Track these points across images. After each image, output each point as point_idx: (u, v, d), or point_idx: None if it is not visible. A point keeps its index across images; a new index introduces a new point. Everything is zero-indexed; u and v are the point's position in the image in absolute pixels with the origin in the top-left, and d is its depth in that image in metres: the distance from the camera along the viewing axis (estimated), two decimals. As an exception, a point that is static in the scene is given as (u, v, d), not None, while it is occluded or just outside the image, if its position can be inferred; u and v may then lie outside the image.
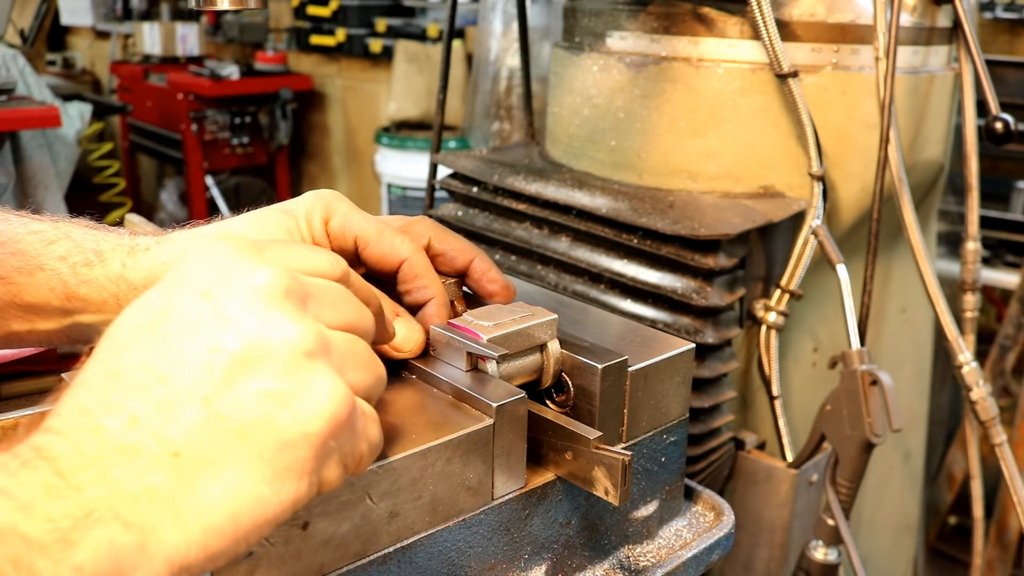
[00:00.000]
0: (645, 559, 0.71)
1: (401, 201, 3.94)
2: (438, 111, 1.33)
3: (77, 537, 0.37)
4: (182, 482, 0.40)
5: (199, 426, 0.40)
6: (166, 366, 0.41)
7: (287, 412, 0.41)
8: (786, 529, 1.02)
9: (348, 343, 0.46)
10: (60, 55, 5.79)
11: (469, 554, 0.59)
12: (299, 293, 0.45)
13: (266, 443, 0.41)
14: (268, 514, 0.41)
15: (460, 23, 3.79)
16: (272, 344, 0.42)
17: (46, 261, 0.63)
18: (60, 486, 0.38)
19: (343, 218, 0.66)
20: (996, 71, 1.06)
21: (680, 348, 0.70)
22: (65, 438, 0.40)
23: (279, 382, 0.42)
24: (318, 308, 0.46)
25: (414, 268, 0.66)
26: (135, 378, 0.41)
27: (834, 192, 1.05)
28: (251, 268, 0.44)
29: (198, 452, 0.40)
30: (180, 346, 0.42)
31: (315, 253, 0.50)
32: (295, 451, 0.41)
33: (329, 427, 0.42)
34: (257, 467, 0.41)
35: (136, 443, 0.40)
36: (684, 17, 1.04)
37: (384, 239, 0.66)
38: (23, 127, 3.18)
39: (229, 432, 0.41)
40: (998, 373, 2.21)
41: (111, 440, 0.40)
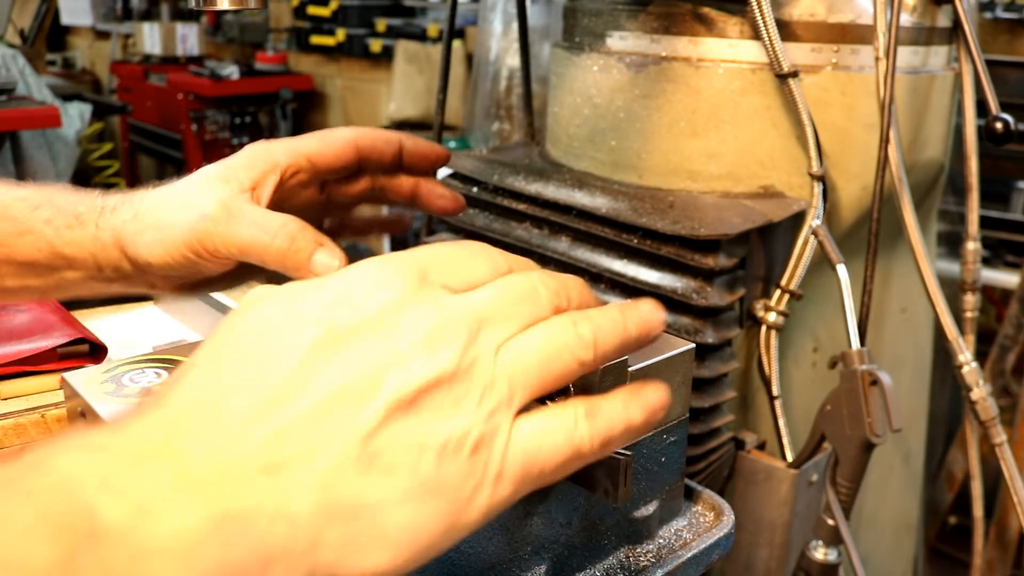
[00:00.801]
0: (645, 559, 0.71)
1: (401, 201, 3.94)
2: (438, 111, 1.33)
3: (202, 550, 0.33)
4: (324, 513, 0.36)
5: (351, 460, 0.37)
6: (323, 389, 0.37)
7: (432, 457, 0.38)
8: (786, 529, 1.03)
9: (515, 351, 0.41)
10: (60, 55, 5.80)
11: (469, 554, 0.59)
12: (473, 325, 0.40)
13: (413, 486, 0.38)
14: (407, 555, 0.38)
15: (460, 23, 3.79)
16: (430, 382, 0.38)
17: (34, 224, 0.67)
18: (184, 491, 0.34)
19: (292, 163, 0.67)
20: (996, 71, 1.06)
21: (680, 348, 0.70)
22: (192, 439, 0.36)
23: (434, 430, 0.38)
24: (492, 330, 0.40)
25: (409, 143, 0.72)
26: (287, 392, 0.37)
27: (834, 192, 1.05)
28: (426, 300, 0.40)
29: (347, 488, 0.37)
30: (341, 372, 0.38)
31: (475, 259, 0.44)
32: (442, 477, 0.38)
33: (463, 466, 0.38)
34: (402, 510, 0.37)
35: (279, 460, 0.36)
36: (684, 17, 1.04)
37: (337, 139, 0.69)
38: (23, 127, 3.18)
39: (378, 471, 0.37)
40: (998, 373, 2.21)
41: (252, 452, 0.36)
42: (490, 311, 0.41)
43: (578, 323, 0.42)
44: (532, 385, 0.40)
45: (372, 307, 0.39)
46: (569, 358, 0.41)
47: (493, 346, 0.40)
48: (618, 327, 0.43)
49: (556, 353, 0.41)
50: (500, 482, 0.39)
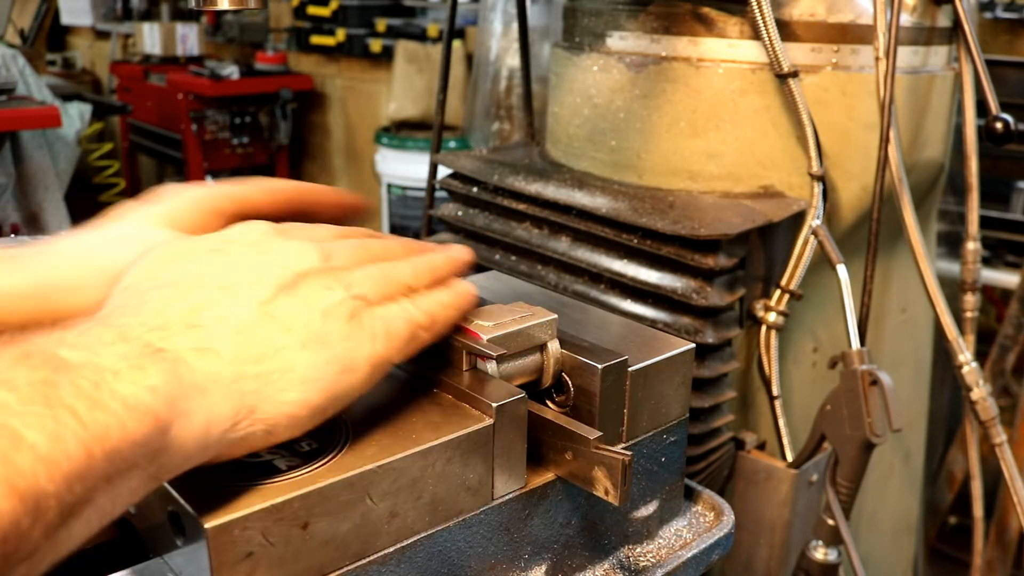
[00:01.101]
0: (645, 559, 0.71)
1: (401, 201, 3.94)
2: (438, 111, 1.33)
3: (148, 365, 0.43)
4: (242, 352, 0.47)
5: (255, 317, 0.49)
6: (226, 281, 0.50)
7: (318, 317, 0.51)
8: (786, 529, 1.02)
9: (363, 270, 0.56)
10: (60, 55, 5.79)
11: (469, 554, 0.59)
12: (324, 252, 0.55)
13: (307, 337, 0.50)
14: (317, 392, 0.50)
15: (460, 23, 3.79)
16: (302, 272, 0.52)
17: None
18: (124, 338, 0.44)
19: None
20: (996, 71, 1.06)
21: (680, 348, 0.70)
22: (127, 315, 0.47)
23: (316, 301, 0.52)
24: (340, 257, 0.56)
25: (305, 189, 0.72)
26: (195, 284, 0.50)
27: (834, 192, 1.05)
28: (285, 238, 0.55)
29: (257, 335, 0.48)
30: (236, 270, 0.51)
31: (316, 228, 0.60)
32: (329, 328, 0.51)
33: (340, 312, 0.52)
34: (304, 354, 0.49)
35: (198, 321, 0.47)
36: (684, 17, 1.04)
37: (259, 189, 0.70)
38: (23, 127, 3.18)
39: (278, 325, 0.49)
40: (998, 373, 2.21)
41: (175, 317, 0.47)
42: (335, 248, 0.56)
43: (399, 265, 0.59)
44: (378, 292, 0.55)
45: (250, 238, 0.55)
46: (396, 282, 0.57)
47: (346, 263, 0.55)
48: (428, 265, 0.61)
49: (386, 276, 0.57)
50: (376, 341, 0.53)
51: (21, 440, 0.37)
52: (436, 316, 0.58)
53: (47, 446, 0.38)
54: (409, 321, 0.56)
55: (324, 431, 0.55)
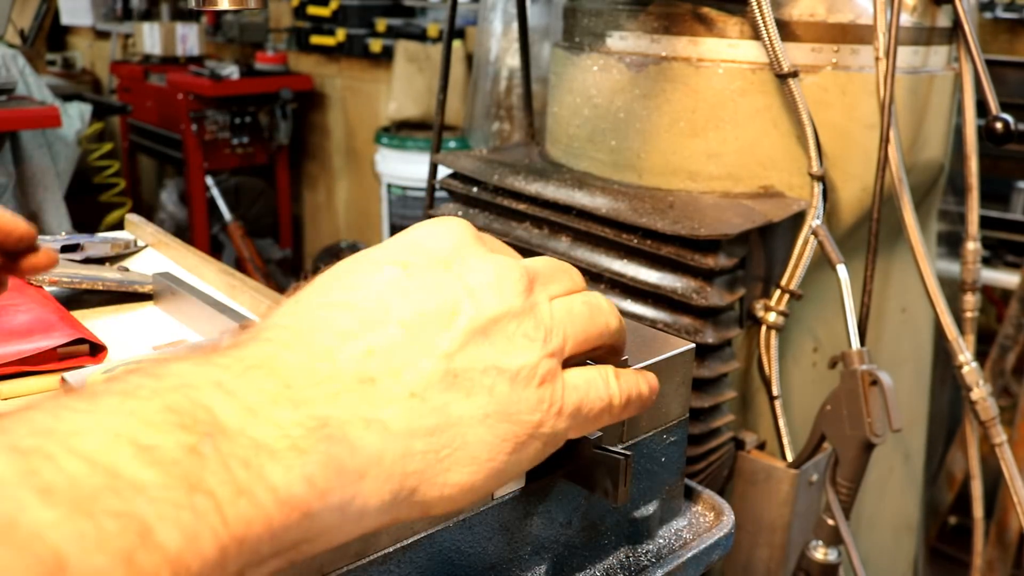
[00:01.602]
0: (645, 559, 0.71)
1: (401, 201, 3.94)
2: (438, 111, 1.33)
3: (308, 447, 0.36)
4: (411, 424, 0.39)
5: (436, 376, 0.40)
6: (407, 314, 0.41)
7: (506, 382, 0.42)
8: (786, 529, 1.02)
9: (565, 307, 0.46)
10: (60, 55, 5.79)
11: (469, 554, 0.59)
12: (529, 277, 0.45)
13: (490, 408, 0.42)
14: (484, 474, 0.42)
15: (460, 23, 3.79)
16: (501, 314, 0.43)
17: None
18: (289, 396, 0.37)
19: None
20: (996, 71, 1.06)
21: (680, 348, 0.70)
22: (293, 352, 0.39)
23: (507, 358, 0.42)
24: (543, 285, 0.46)
25: None
26: (371, 315, 0.41)
27: (834, 192, 1.05)
28: (485, 251, 0.45)
29: (432, 402, 0.40)
30: (422, 300, 0.42)
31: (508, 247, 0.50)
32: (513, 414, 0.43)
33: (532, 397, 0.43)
34: (480, 429, 0.41)
35: (372, 373, 0.39)
36: (684, 17, 1.04)
37: None
38: (23, 127, 3.18)
39: (460, 389, 0.41)
40: (998, 373, 2.21)
41: (345, 365, 0.39)
42: (539, 271, 0.46)
43: (602, 301, 0.49)
44: (579, 337, 0.46)
45: (443, 250, 0.44)
46: (603, 320, 0.48)
47: (547, 297, 0.45)
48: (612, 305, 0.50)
49: (595, 313, 0.47)
50: (560, 416, 0.44)
51: (150, 536, 0.31)
52: (631, 400, 0.48)
53: (179, 546, 0.31)
54: (604, 397, 0.46)
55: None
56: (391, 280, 0.42)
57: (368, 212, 4.50)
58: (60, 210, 3.38)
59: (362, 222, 4.66)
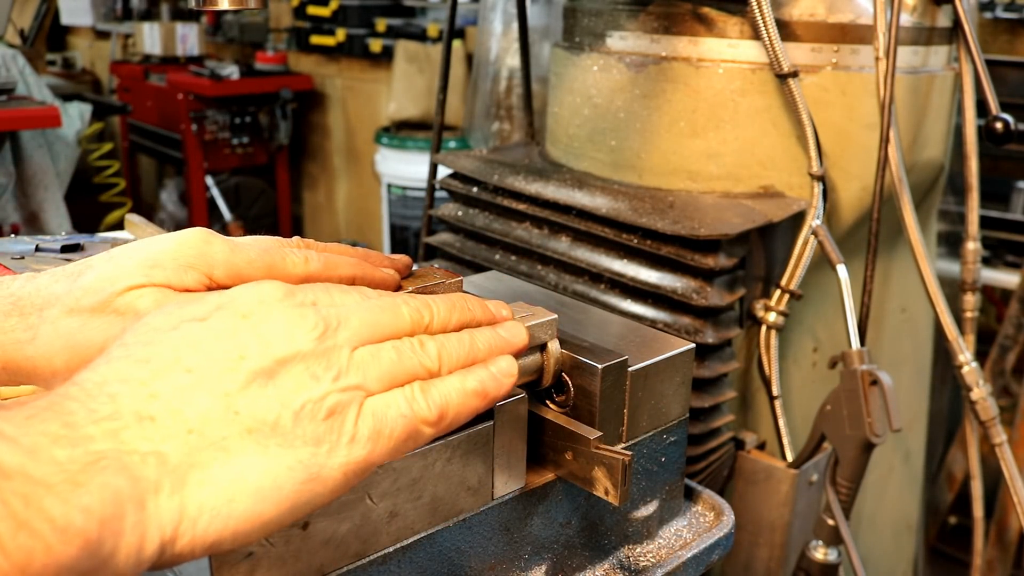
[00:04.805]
0: (645, 559, 0.71)
1: (401, 201, 3.94)
2: (438, 111, 1.33)
3: (84, 480, 0.39)
4: (190, 457, 0.42)
5: (215, 414, 0.43)
6: (196, 361, 0.44)
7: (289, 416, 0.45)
8: (786, 529, 1.02)
9: (369, 351, 0.49)
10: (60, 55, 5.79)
11: (469, 554, 0.59)
12: (325, 325, 0.48)
13: (272, 441, 0.44)
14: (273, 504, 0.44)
15: (460, 23, 3.79)
16: (286, 357, 0.46)
17: None
18: (69, 436, 0.40)
19: None
20: (996, 71, 1.06)
21: (680, 348, 0.70)
22: (78, 400, 0.42)
23: (292, 395, 0.45)
24: (347, 332, 0.49)
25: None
26: (162, 365, 0.44)
27: (834, 192, 1.05)
28: (289, 304, 0.48)
29: (211, 436, 0.43)
30: (212, 348, 0.45)
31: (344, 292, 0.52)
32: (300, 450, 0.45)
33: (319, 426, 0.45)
34: (262, 460, 0.44)
35: (152, 413, 0.42)
36: (684, 17, 1.04)
37: None
38: (23, 127, 3.18)
39: (240, 425, 0.44)
40: (998, 373, 2.21)
41: (127, 405, 0.42)
42: (346, 315, 0.49)
43: (426, 343, 0.51)
44: (384, 380, 0.48)
45: (247, 305, 0.48)
46: (414, 365, 0.50)
47: (349, 343, 0.48)
48: (464, 347, 0.52)
49: (401, 359, 0.49)
50: (354, 444, 0.46)
51: None
52: (448, 409, 0.50)
53: None
54: (410, 418, 0.48)
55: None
56: (188, 333, 0.46)
57: (368, 212, 4.50)
58: (60, 210, 3.38)
59: (362, 222, 4.66)
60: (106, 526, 0.39)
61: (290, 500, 0.44)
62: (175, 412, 0.43)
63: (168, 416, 0.42)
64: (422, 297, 0.54)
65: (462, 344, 0.52)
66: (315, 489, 0.45)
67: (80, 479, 0.39)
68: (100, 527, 0.38)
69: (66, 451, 0.39)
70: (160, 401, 0.43)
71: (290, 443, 0.44)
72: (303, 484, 0.44)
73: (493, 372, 0.52)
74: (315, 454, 0.45)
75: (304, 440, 0.45)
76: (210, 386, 0.44)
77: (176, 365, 0.44)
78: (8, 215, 3.21)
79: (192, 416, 0.43)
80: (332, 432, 0.45)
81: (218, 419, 0.43)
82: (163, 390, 0.43)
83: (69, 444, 0.39)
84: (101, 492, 0.39)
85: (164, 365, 0.44)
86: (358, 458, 0.46)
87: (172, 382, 0.43)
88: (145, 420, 0.42)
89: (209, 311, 0.47)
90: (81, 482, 0.39)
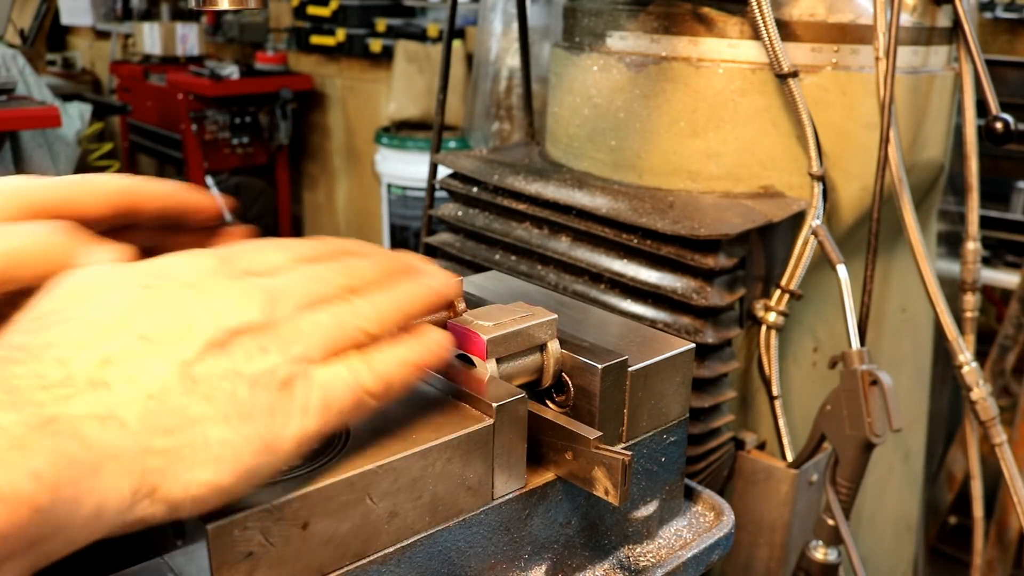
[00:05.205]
0: (645, 559, 0.71)
1: (401, 201, 3.94)
2: (438, 111, 1.33)
3: (32, 444, 0.37)
4: (151, 423, 0.41)
5: (174, 381, 0.43)
6: (148, 328, 0.44)
7: (245, 387, 0.45)
8: (786, 529, 1.03)
9: (311, 320, 0.49)
10: (60, 55, 5.79)
11: (469, 554, 0.59)
12: (271, 297, 0.49)
13: (231, 410, 0.44)
14: (230, 474, 0.44)
15: (460, 23, 3.79)
16: (238, 328, 0.46)
17: None
18: (11, 401, 0.38)
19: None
20: (996, 71, 1.06)
21: (680, 348, 0.70)
22: (21, 364, 0.40)
23: (246, 365, 0.45)
24: (289, 305, 0.49)
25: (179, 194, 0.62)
26: (113, 328, 0.43)
27: (834, 192, 1.05)
28: (228, 277, 0.48)
29: (171, 404, 0.42)
30: (165, 316, 0.45)
31: (271, 251, 0.53)
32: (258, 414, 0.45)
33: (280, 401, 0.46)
34: (222, 429, 0.44)
35: (107, 379, 0.41)
36: (684, 17, 1.04)
37: None
38: (23, 127, 3.18)
39: (199, 393, 0.43)
40: (998, 373, 2.21)
41: (79, 372, 0.41)
42: (285, 288, 0.50)
43: (363, 308, 0.52)
44: (326, 346, 0.49)
45: (188, 276, 0.47)
46: (352, 329, 0.51)
47: (292, 315, 0.49)
48: (398, 306, 0.54)
49: (341, 324, 0.50)
50: (307, 414, 0.47)
51: None
52: (392, 379, 0.52)
53: None
54: (355, 388, 0.49)
55: (324, 431, 0.55)
56: (134, 299, 0.45)
57: (368, 212, 4.51)
58: (60, 210, 3.38)
59: (362, 222, 4.66)
60: (58, 492, 0.38)
61: (247, 469, 0.44)
62: (131, 379, 0.42)
63: (124, 383, 0.41)
64: (348, 259, 0.55)
65: (396, 303, 0.54)
66: (269, 460, 0.46)
67: (27, 442, 0.37)
68: (51, 493, 0.37)
69: (10, 415, 0.38)
70: (114, 367, 0.42)
71: (248, 414, 0.44)
72: (259, 455, 0.45)
73: (429, 343, 0.54)
74: (271, 425, 0.45)
75: (261, 411, 0.45)
76: (166, 354, 0.43)
77: (128, 330, 0.43)
78: (8, 215, 3.20)
79: (149, 383, 0.42)
80: (285, 403, 0.46)
81: (177, 387, 0.43)
82: (117, 356, 0.42)
83: (13, 408, 0.38)
84: (54, 457, 0.38)
85: (115, 330, 0.43)
86: (310, 428, 0.47)
87: (126, 348, 0.42)
88: (100, 386, 0.41)
89: (149, 279, 0.47)
90: (28, 446, 0.37)
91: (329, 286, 0.52)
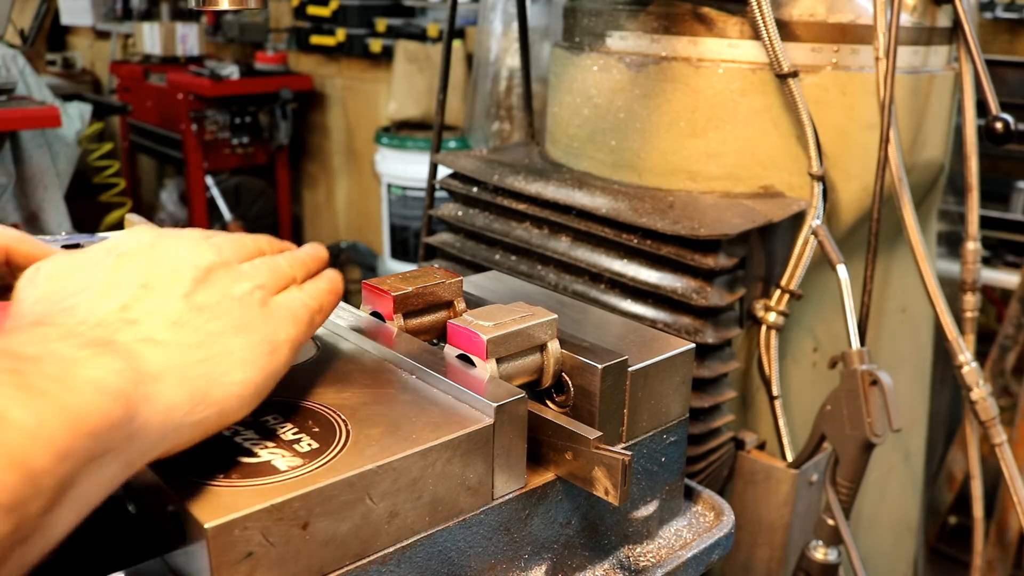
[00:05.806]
0: (645, 559, 0.71)
1: (401, 201, 3.94)
2: (438, 111, 1.33)
3: (104, 354, 0.44)
4: (184, 339, 0.49)
5: (185, 309, 0.51)
6: (143, 279, 0.51)
7: (237, 305, 0.54)
8: (786, 529, 1.02)
9: (251, 264, 0.59)
10: (60, 55, 5.79)
11: (469, 554, 0.59)
12: (216, 246, 0.57)
13: (236, 323, 0.53)
14: (258, 372, 0.52)
15: (460, 23, 3.79)
16: (208, 267, 0.55)
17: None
18: (74, 333, 0.46)
19: None
20: (996, 71, 1.06)
21: (680, 348, 0.70)
22: (57, 325, 0.47)
23: (230, 290, 0.54)
24: (227, 251, 0.58)
25: None
26: (112, 286, 0.50)
27: (834, 192, 1.05)
28: (173, 236, 0.57)
29: (192, 325, 0.50)
30: (149, 269, 0.52)
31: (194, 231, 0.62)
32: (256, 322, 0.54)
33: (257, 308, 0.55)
34: (238, 338, 0.52)
35: (133, 317, 0.49)
36: (684, 17, 1.04)
37: None
38: (23, 127, 3.18)
39: (207, 314, 0.51)
40: (998, 373, 2.21)
41: (109, 316, 0.48)
42: (220, 243, 0.58)
43: (278, 261, 0.61)
44: (275, 281, 0.58)
45: (144, 241, 0.55)
46: (283, 271, 0.60)
47: (234, 257, 0.58)
48: (299, 262, 0.62)
49: (274, 268, 0.59)
50: (287, 324, 0.56)
51: (6, 419, 0.38)
52: (323, 302, 0.62)
53: (33, 424, 0.38)
54: (305, 306, 0.59)
55: (324, 431, 0.55)
56: (113, 263, 0.53)
57: (368, 212, 4.50)
58: (60, 210, 3.38)
59: (362, 222, 4.66)
60: (138, 389, 0.44)
61: (267, 368, 0.53)
62: (152, 313, 0.49)
63: (148, 316, 0.49)
64: (243, 237, 0.64)
65: (299, 257, 0.63)
66: (278, 359, 0.54)
67: (102, 352, 0.44)
68: (136, 389, 0.44)
69: (78, 340, 0.45)
70: (134, 309, 0.49)
71: (249, 325, 0.53)
72: (269, 356, 0.53)
73: (332, 277, 0.64)
74: (269, 333, 0.54)
75: (256, 322, 0.53)
76: (169, 293, 0.51)
77: (127, 284, 0.51)
78: (8, 215, 3.21)
79: (169, 313, 0.50)
80: (270, 316, 0.55)
81: (188, 313, 0.51)
82: (130, 301, 0.50)
83: (73, 338, 0.45)
84: (124, 363, 0.45)
85: (117, 286, 0.50)
86: (297, 335, 0.56)
87: (135, 295, 0.50)
88: (131, 322, 0.48)
89: (114, 250, 0.54)
90: (103, 354, 0.44)
91: (249, 248, 0.61)
